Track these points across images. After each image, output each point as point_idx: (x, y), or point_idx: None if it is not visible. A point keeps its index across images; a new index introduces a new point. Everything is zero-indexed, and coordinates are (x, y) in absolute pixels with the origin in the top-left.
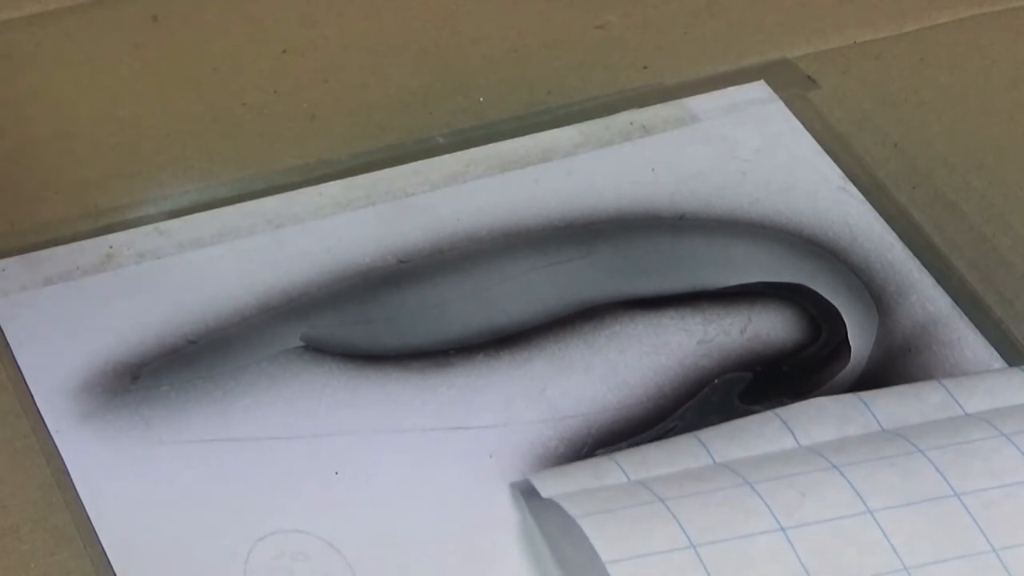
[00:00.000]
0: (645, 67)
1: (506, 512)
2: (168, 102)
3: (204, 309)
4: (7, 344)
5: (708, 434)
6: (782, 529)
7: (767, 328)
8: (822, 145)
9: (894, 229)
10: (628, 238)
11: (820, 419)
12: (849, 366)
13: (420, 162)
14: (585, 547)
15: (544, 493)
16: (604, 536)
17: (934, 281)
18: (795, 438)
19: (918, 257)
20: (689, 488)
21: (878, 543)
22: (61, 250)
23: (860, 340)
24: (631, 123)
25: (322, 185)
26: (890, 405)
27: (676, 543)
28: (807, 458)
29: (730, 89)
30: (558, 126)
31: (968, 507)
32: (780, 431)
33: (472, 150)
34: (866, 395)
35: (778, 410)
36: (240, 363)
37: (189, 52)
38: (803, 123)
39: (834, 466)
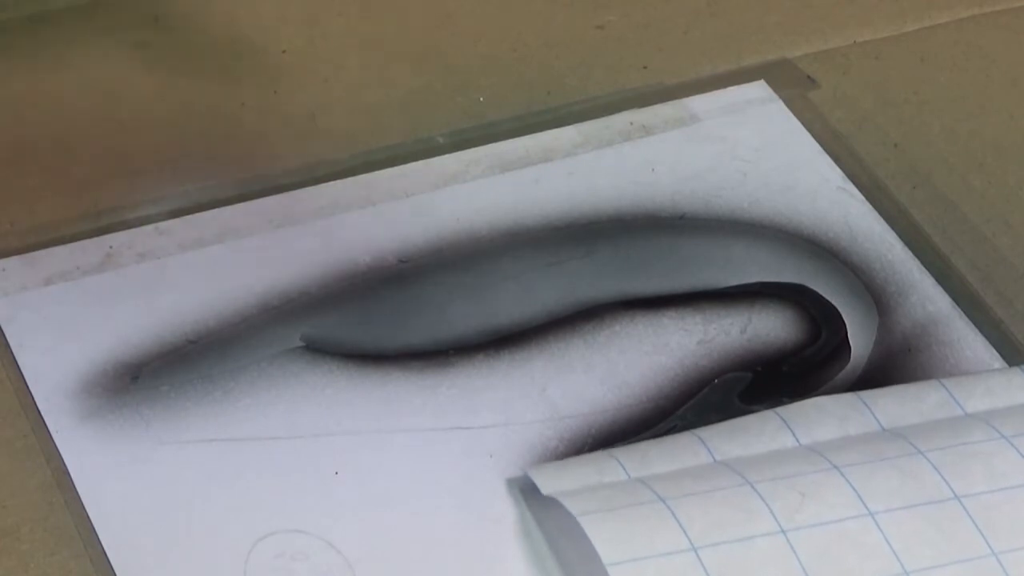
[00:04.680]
0: (645, 67)
1: (506, 511)
2: (168, 102)
3: (204, 309)
4: (7, 344)
5: (708, 432)
6: (783, 531)
7: (767, 328)
8: (822, 145)
9: (894, 229)
10: (628, 238)
11: (820, 418)
12: (849, 366)
13: (420, 162)
14: (585, 545)
15: (544, 490)
16: (605, 537)
17: (934, 281)
18: (795, 437)
19: (918, 257)
20: (690, 487)
21: (879, 546)
22: (61, 250)
23: (860, 340)
24: (631, 123)
25: (322, 185)
26: (890, 405)
27: (677, 545)
28: (808, 458)
29: (730, 89)
30: (558, 126)
31: (968, 511)
32: (780, 430)
33: (472, 150)
34: (866, 394)
35: (778, 409)
36: (240, 363)
37: (189, 52)
38: (803, 123)
39: (835, 467)
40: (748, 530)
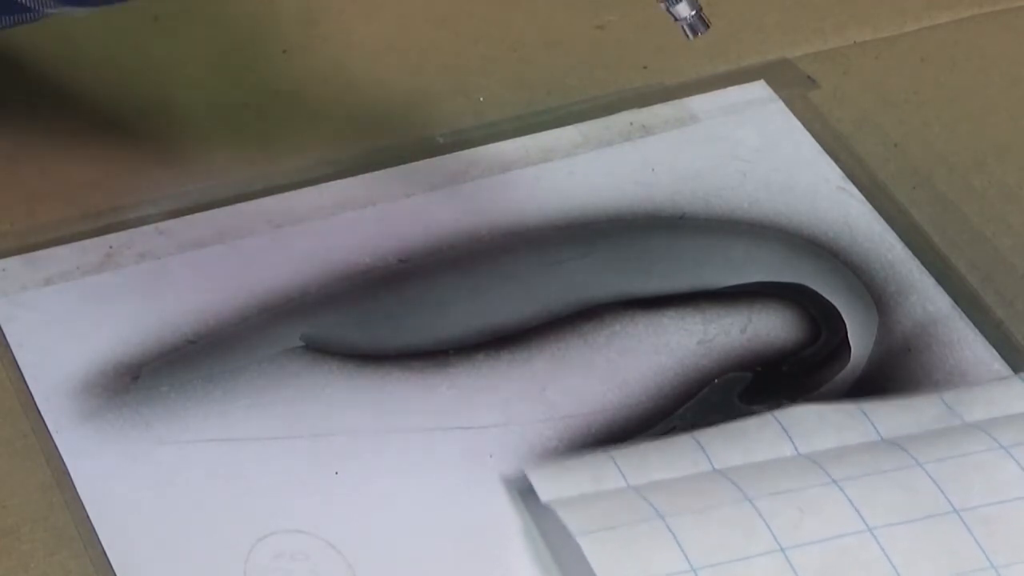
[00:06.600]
0: (645, 67)
1: (506, 512)
2: (168, 102)
3: (204, 309)
4: (7, 344)
5: (706, 436)
6: (781, 550)
7: (767, 328)
8: (822, 145)
9: (894, 229)
10: (628, 238)
11: (819, 427)
12: (849, 366)
13: (420, 162)
14: (584, 552)
15: (543, 497)
16: (604, 558)
17: (934, 281)
18: (794, 445)
19: (918, 257)
20: (689, 503)
21: (878, 562)
22: (61, 250)
23: (860, 340)
24: (631, 123)
25: (322, 185)
26: (889, 416)
27: (676, 567)
28: (806, 470)
29: (730, 89)
30: (558, 126)
31: (967, 524)
32: (779, 437)
33: (472, 150)
34: (866, 405)
35: (776, 413)
36: (240, 363)
37: (189, 52)
38: (803, 123)
39: (833, 481)
40: (747, 549)
